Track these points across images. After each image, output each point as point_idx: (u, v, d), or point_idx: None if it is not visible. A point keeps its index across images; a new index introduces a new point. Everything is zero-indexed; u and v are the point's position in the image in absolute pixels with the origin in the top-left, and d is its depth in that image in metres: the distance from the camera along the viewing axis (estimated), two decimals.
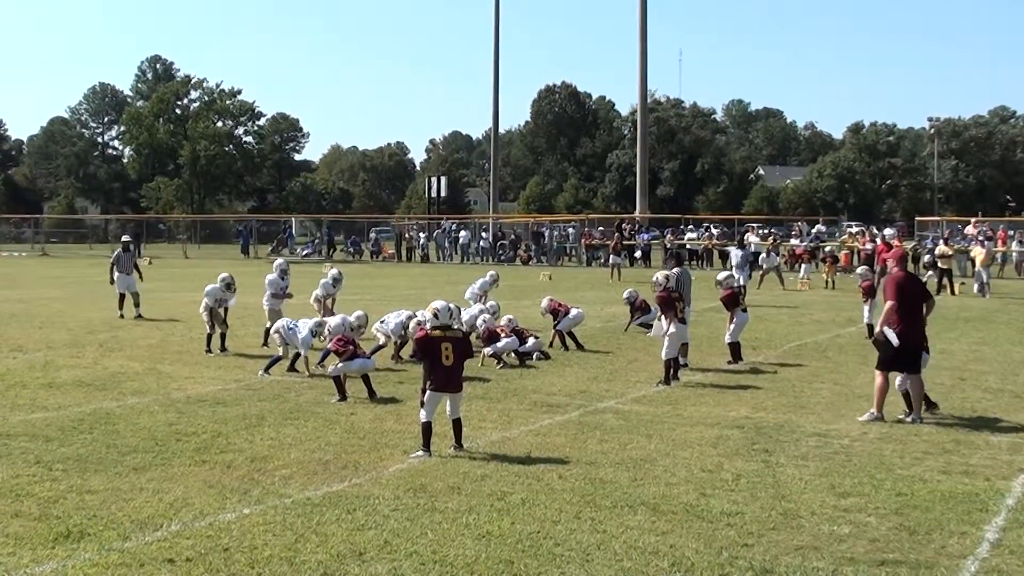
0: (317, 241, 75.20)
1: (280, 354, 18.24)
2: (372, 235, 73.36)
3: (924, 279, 40.21)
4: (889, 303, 14.51)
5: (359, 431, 13.28)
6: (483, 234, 69.79)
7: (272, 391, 16.30)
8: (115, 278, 27.77)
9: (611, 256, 49.98)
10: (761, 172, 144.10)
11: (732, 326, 19.73)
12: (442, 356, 12.07)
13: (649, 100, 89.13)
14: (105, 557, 8.35)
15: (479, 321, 20.14)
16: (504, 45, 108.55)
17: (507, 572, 8.10)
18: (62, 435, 12.94)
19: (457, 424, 12.22)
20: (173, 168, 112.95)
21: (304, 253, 70.82)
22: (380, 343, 19.57)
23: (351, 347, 16.18)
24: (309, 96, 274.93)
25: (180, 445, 12.42)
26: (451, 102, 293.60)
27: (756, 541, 8.87)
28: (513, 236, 68.68)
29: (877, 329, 14.79)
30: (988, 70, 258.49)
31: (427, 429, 12.00)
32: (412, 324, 19.02)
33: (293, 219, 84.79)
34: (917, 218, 68.21)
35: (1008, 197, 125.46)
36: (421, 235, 70.08)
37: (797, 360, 20.05)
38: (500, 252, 64.79)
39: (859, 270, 21.38)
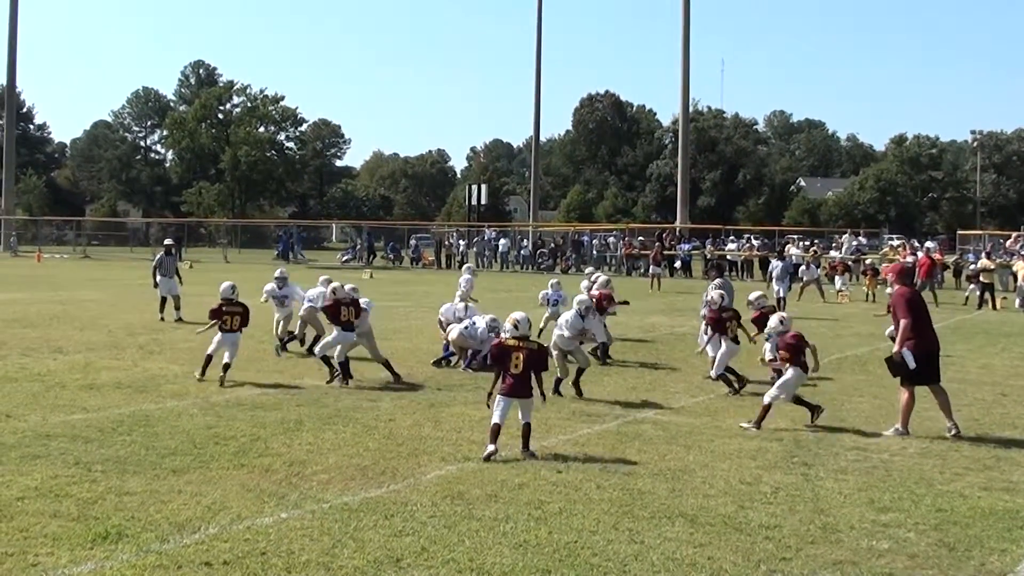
0: (358, 247, 75.47)
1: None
2: (412, 242, 73.57)
3: (967, 293, 40.21)
4: (904, 321, 14.42)
5: (397, 437, 13.29)
6: (523, 242, 69.79)
7: (311, 396, 16.35)
8: (157, 281, 27.97)
9: (651, 266, 49.91)
10: (802, 183, 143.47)
11: (719, 356, 17.93)
12: (512, 364, 12.57)
13: (691, 110, 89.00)
14: (143, 559, 8.38)
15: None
16: (546, 53, 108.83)
17: None
18: (101, 436, 13.01)
19: (527, 429, 12.57)
20: (215, 173, 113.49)
21: (344, 259, 71.09)
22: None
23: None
24: (351, 103, 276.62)
25: (218, 448, 12.46)
26: (493, 110, 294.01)
27: (794, 555, 8.82)
28: (553, 244, 68.66)
29: (895, 350, 14.51)
30: None
31: (495, 430, 12.31)
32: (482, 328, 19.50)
33: (294, 227, 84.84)
34: (959, 232, 67.76)
35: None
36: (461, 242, 70.18)
37: (837, 373, 19.93)
38: (540, 260, 64.76)
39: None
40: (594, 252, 63.59)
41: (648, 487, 10.95)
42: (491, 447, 12.19)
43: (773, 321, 16.19)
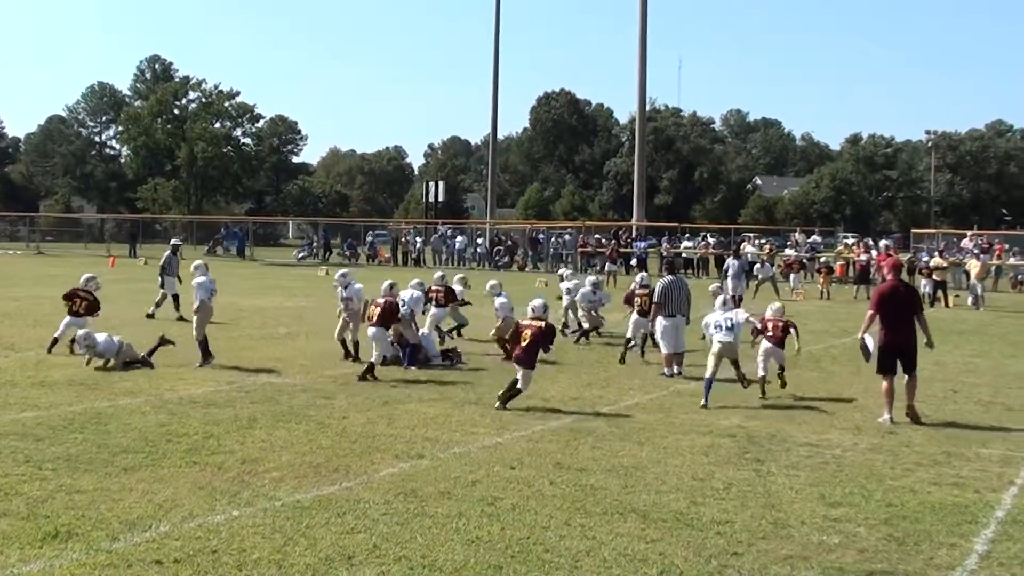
0: (314, 244, 75.29)
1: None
2: (368, 239, 73.43)
3: (922, 289, 40.49)
4: (868, 312, 15.66)
5: (351, 435, 13.26)
6: (479, 239, 69.77)
7: (265, 393, 16.29)
8: (164, 281, 27.89)
9: (607, 264, 50.04)
10: (758, 182, 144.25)
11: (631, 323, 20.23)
12: (521, 338, 15.64)
13: (648, 109, 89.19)
14: (93, 557, 8.33)
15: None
16: (504, 51, 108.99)
17: None
18: (52, 434, 12.92)
19: (515, 391, 15.41)
20: (170, 169, 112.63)
21: (300, 256, 70.89)
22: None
23: None
24: (308, 99, 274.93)
25: (171, 446, 12.39)
26: (450, 107, 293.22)
27: (746, 550, 8.87)
28: (510, 242, 68.65)
29: (859, 336, 15.86)
30: (985, 84, 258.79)
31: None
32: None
33: (225, 223, 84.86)
34: (913, 230, 68.35)
35: (1004, 211, 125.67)
36: (417, 239, 70.08)
37: (791, 370, 20.00)
38: (496, 258, 64.76)
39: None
40: (551, 250, 63.60)
41: (601, 483, 10.98)
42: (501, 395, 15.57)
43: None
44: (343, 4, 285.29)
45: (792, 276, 43.77)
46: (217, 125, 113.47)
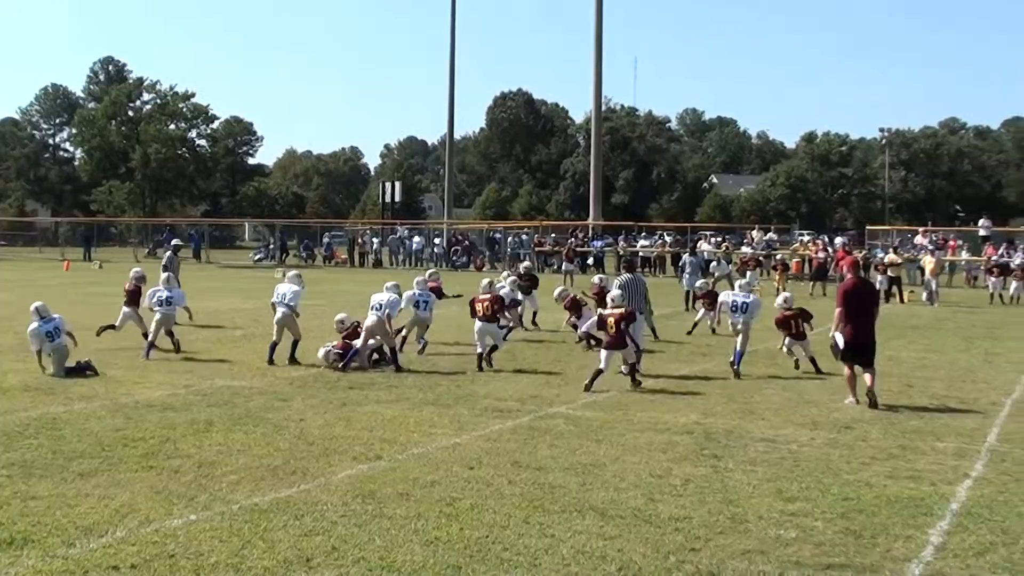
0: (271, 246, 75.01)
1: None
2: (325, 240, 73.24)
3: (877, 285, 40.76)
4: (837, 310, 16.38)
5: (308, 437, 13.22)
6: (436, 240, 69.72)
7: (222, 396, 16.21)
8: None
9: (564, 263, 50.11)
10: (715, 180, 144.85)
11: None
12: (608, 326, 17.52)
13: (604, 108, 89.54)
14: (49, 564, 8.27)
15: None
16: (460, 51, 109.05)
17: None
18: (7, 440, 12.81)
19: (632, 368, 17.78)
20: (125, 171, 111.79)
21: (257, 258, 70.61)
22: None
23: None
24: (264, 100, 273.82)
25: (127, 451, 12.31)
26: (407, 107, 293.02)
27: (703, 545, 8.91)
28: (467, 242, 68.63)
29: (830, 334, 16.81)
30: (939, 83, 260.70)
31: (597, 373, 17.29)
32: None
33: (170, 224, 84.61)
34: (868, 227, 68.65)
35: (957, 207, 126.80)
36: (374, 240, 69.95)
37: (747, 367, 20.13)
38: (454, 258, 64.72)
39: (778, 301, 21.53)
40: (508, 250, 63.64)
41: (559, 481, 11.00)
42: (587, 382, 17.14)
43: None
44: (298, 4, 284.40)
45: (748, 273, 43.93)
46: (172, 127, 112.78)
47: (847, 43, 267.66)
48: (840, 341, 16.20)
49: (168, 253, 29.10)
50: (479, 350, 19.71)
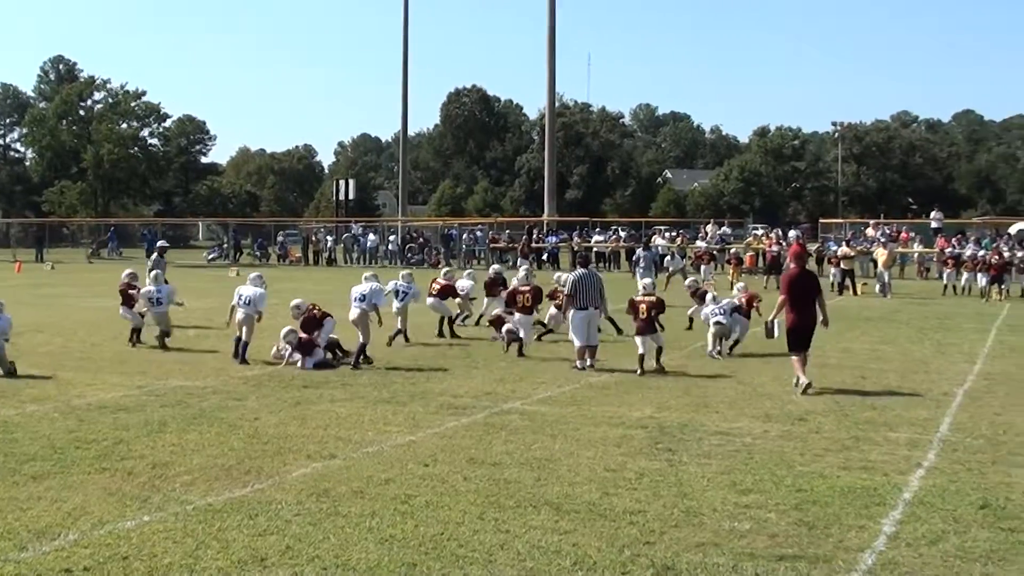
0: (225, 245, 74.63)
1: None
2: (279, 238, 72.95)
3: (830, 278, 41.10)
4: (780, 297, 17.40)
5: (263, 436, 13.16)
6: (391, 237, 69.60)
7: (175, 397, 16.10)
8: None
9: (519, 259, 50.14)
10: (668, 175, 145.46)
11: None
12: (640, 312, 18.99)
13: (557, 104, 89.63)
14: (0, 568, 8.20)
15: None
16: (413, 47, 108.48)
17: (410, 575, 8.08)
18: None
19: (659, 352, 19.02)
20: (77, 171, 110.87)
21: (210, 257, 70.22)
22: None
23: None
24: (217, 98, 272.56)
25: (80, 453, 12.21)
26: (360, 104, 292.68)
27: (658, 539, 8.94)
28: (422, 239, 68.54)
29: (769, 319, 18.02)
30: (890, 76, 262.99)
31: (641, 358, 18.65)
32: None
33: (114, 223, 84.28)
34: (821, 220, 69.10)
35: (910, 200, 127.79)
36: (328, 238, 69.74)
37: (701, 360, 20.24)
38: (409, 255, 64.60)
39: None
40: (463, 247, 63.62)
41: (514, 477, 11.00)
42: (639, 369, 18.53)
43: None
44: (250, 1, 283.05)
45: (703, 267, 44.10)
46: (124, 126, 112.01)
47: (799, 38, 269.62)
48: (776, 326, 17.40)
49: (154, 256, 28.89)
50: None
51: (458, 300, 25.55)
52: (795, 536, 9.05)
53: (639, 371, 18.44)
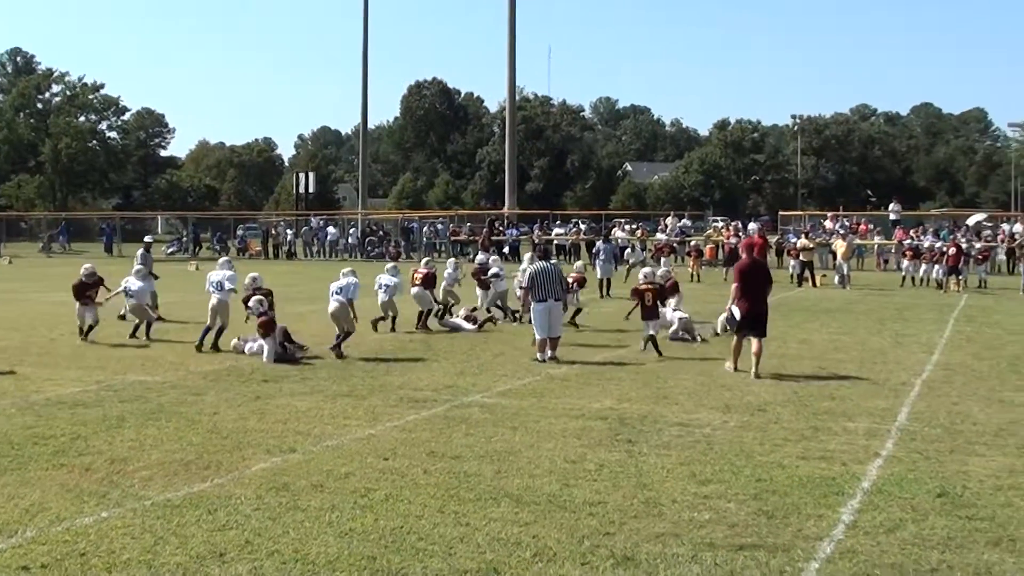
0: (184, 239, 74.27)
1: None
2: (239, 232, 72.66)
3: (789, 270, 41.37)
4: (733, 286, 18.22)
5: (222, 431, 13.09)
6: (351, 230, 69.45)
7: (133, 392, 16.00)
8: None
9: (480, 252, 50.08)
10: (629, 168, 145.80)
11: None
12: (645, 299, 20.33)
13: (518, 97, 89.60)
14: None
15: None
16: (374, 40, 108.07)
17: (369, 568, 8.05)
18: None
19: (653, 338, 20.07)
20: (34, 165, 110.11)
21: (169, 251, 69.86)
22: None
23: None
24: (176, 91, 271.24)
25: (37, 449, 12.10)
26: (320, 97, 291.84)
27: (618, 529, 8.95)
28: (382, 232, 68.42)
29: (726, 307, 18.99)
30: (850, 70, 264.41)
31: (649, 338, 20.10)
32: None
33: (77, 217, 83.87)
34: (780, 212, 69.46)
35: (869, 192, 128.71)
36: (288, 232, 69.53)
37: (661, 351, 20.30)
38: (369, 248, 64.47)
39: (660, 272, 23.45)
40: (424, 239, 63.54)
41: (474, 470, 11.00)
42: (642, 346, 20.28)
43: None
44: None
45: (663, 260, 44.20)
46: (82, 119, 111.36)
47: (759, 31, 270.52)
48: (737, 313, 17.87)
49: (140, 251, 28.69)
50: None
51: (440, 290, 25.82)
52: (754, 525, 9.09)
53: (643, 349, 20.19)
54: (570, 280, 23.03)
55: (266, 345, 19.11)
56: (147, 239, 32.29)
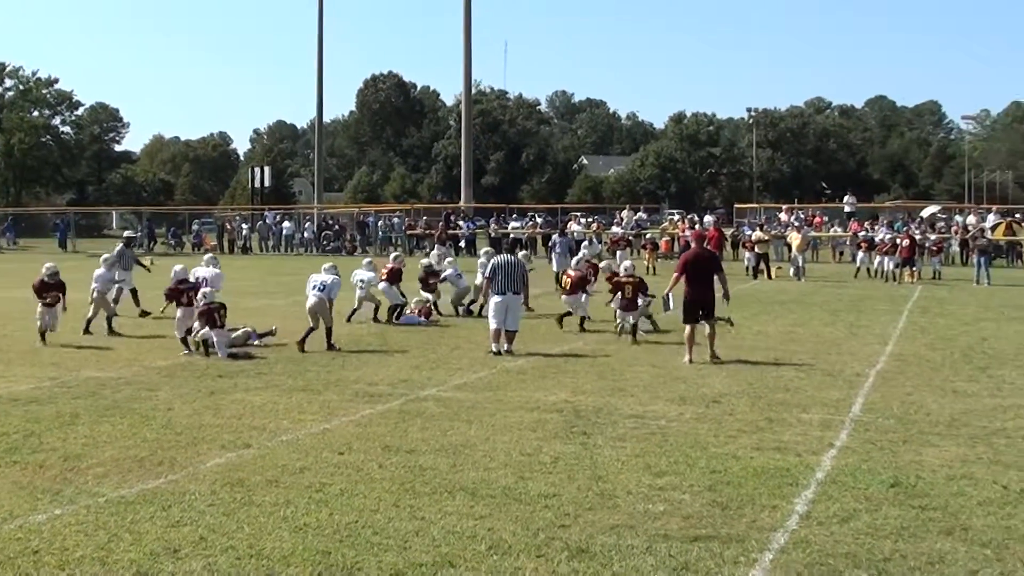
0: (139, 234, 73.75)
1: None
2: (194, 227, 72.29)
3: (745, 263, 41.57)
4: (675, 274, 19.09)
5: (176, 427, 13.03)
6: (307, 224, 69.21)
7: (87, 388, 15.89)
8: (117, 276, 26.80)
9: (436, 246, 50.08)
10: (585, 162, 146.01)
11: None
12: (625, 291, 21.25)
13: (474, 91, 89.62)
14: None
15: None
16: (329, 33, 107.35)
17: (324, 563, 8.04)
18: None
19: (634, 328, 20.89)
20: None
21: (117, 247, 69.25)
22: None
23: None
24: (130, 85, 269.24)
25: None
26: (275, 91, 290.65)
27: (573, 521, 8.97)
28: (337, 226, 68.23)
29: (665, 292, 20.67)
30: (804, 63, 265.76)
31: (623, 328, 21.24)
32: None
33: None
34: (736, 205, 69.79)
35: (823, 184, 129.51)
36: (244, 226, 69.22)
37: (617, 344, 20.36)
38: (325, 242, 64.27)
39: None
40: (379, 234, 63.41)
41: (430, 463, 11.00)
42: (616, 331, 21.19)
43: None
44: None
45: (619, 253, 44.33)
46: (35, 114, 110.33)
47: (714, 24, 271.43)
48: (670, 303, 19.73)
49: (119, 247, 28.43)
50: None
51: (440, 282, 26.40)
52: (709, 517, 9.13)
53: (619, 334, 21.26)
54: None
55: (215, 336, 19.02)
56: (127, 234, 32.05)
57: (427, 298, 25.45)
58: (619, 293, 21.33)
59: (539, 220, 63.28)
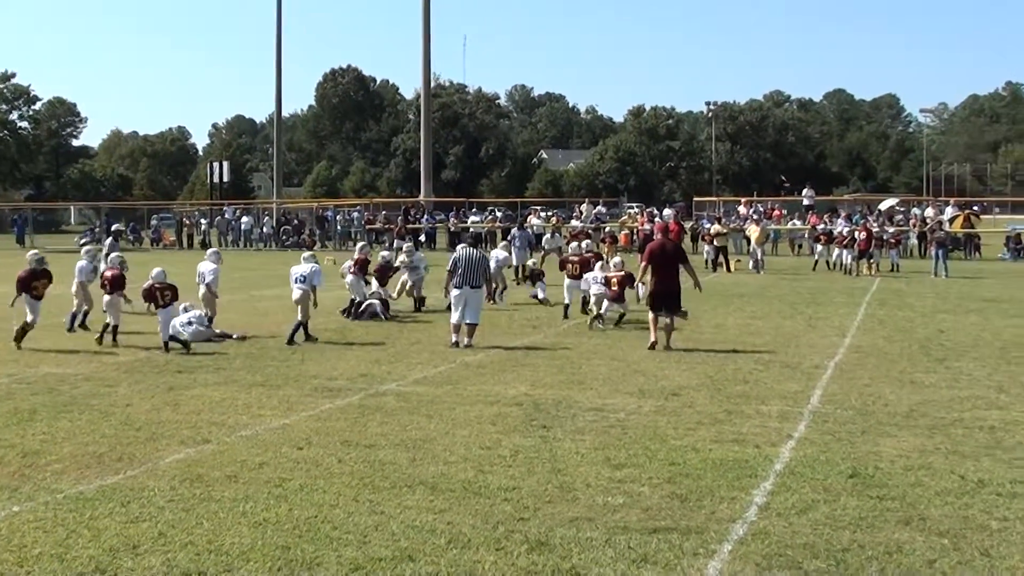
0: (96, 229, 73.28)
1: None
2: (153, 222, 71.91)
3: (704, 255, 41.73)
4: (642, 264, 19.95)
5: (135, 422, 12.97)
6: (266, 219, 68.97)
7: (45, 384, 15.79)
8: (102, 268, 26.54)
9: (396, 240, 50.05)
10: (544, 156, 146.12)
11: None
12: (611, 284, 22.11)
13: (433, 85, 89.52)
14: None
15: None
16: (287, 27, 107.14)
17: (283, 558, 8.03)
18: None
19: (621, 317, 22.17)
20: None
21: (82, 242, 68.79)
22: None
23: None
24: (88, 80, 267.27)
25: None
26: (234, 86, 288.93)
27: (532, 515, 9.00)
28: (297, 221, 68.03)
29: (636, 282, 21.84)
30: (763, 56, 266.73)
31: (598, 317, 21.99)
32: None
33: None
34: (695, 198, 69.97)
35: (783, 177, 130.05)
36: (203, 221, 68.92)
37: (576, 337, 20.41)
38: (284, 237, 64.06)
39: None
40: (339, 228, 63.26)
41: (389, 458, 10.99)
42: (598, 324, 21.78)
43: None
44: None
45: (582, 245, 44.32)
46: None
47: (673, 18, 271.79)
48: (640, 291, 20.46)
49: (108, 240, 28.29)
50: (566, 302, 24.01)
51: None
52: (668, 509, 9.18)
53: (602, 325, 21.85)
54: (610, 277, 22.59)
55: (160, 316, 19.21)
56: (115, 227, 31.90)
57: (383, 292, 25.38)
58: (607, 286, 22.17)
59: (499, 214, 63.27)
